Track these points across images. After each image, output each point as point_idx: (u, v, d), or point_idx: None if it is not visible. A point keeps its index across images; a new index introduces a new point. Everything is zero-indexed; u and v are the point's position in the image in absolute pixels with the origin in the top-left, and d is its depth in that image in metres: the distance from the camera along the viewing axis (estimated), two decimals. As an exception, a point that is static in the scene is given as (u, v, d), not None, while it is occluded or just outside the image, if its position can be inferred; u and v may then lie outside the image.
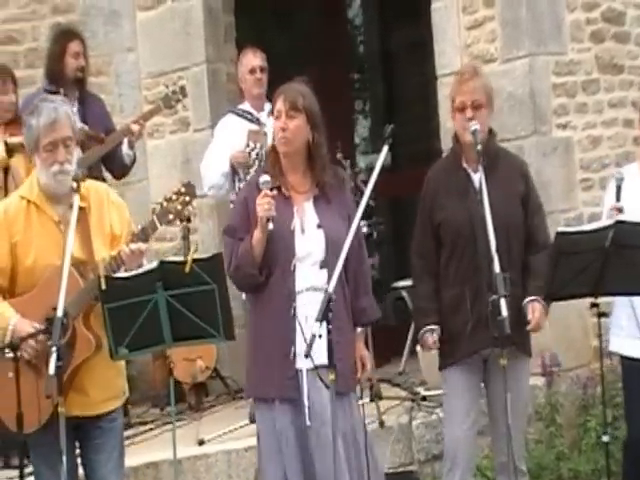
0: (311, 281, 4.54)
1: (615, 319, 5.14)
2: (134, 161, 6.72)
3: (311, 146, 4.65)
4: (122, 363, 4.61)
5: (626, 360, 5.12)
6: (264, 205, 4.47)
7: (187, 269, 4.32)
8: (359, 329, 4.73)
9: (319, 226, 4.61)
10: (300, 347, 4.45)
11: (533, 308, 4.74)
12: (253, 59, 6.75)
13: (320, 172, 4.66)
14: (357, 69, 10.36)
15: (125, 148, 6.59)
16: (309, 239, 4.59)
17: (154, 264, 4.34)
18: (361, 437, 4.64)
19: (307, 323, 4.42)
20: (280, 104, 4.63)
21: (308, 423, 4.48)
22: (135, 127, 6.48)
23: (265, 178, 4.54)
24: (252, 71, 6.71)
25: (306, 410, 4.49)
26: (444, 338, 4.87)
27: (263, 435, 4.67)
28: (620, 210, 4.82)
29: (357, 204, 4.56)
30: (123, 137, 6.54)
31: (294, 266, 4.55)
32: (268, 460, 4.63)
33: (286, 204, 4.61)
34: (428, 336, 4.87)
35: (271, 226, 4.46)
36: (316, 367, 4.28)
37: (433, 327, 4.86)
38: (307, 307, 4.47)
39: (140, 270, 4.33)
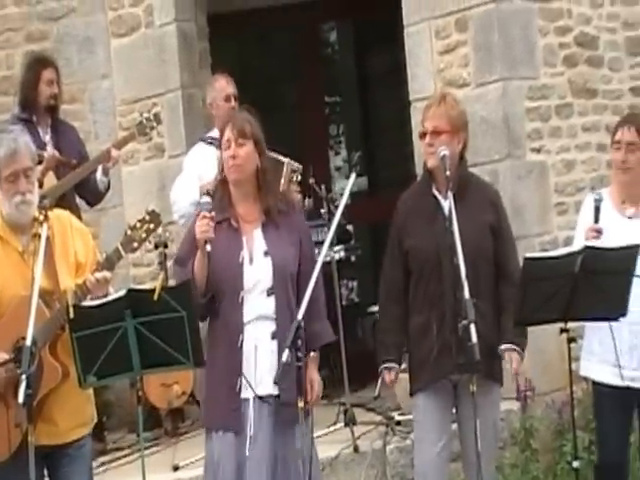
0: (259, 310, 4.54)
1: (587, 344, 5.13)
2: (108, 188, 6.71)
3: (259, 173, 4.66)
4: (90, 390, 4.58)
5: (597, 386, 5.10)
6: (202, 227, 4.47)
7: (156, 297, 4.32)
8: (312, 353, 4.66)
9: (266, 253, 4.59)
10: (249, 377, 4.46)
11: (510, 357, 4.81)
12: (227, 87, 6.74)
13: (268, 198, 4.66)
14: (333, 93, 10.37)
15: (99, 175, 6.57)
16: (257, 268, 4.57)
17: (122, 292, 4.33)
18: (307, 466, 4.45)
19: (257, 352, 4.47)
20: (229, 133, 4.64)
21: (247, 453, 4.46)
22: (115, 153, 6.47)
23: (205, 199, 4.54)
24: (227, 99, 6.71)
25: (247, 440, 4.47)
26: (413, 364, 4.88)
27: (207, 465, 4.67)
28: (599, 232, 4.83)
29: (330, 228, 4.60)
30: (100, 163, 6.53)
31: (242, 298, 4.54)
32: None
33: (235, 236, 4.61)
34: (386, 374, 4.92)
35: (209, 248, 4.45)
36: (261, 397, 4.36)
37: (391, 365, 4.89)
38: (257, 334, 4.50)
39: (108, 298, 4.33)
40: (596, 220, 4.89)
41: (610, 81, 7.52)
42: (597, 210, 4.92)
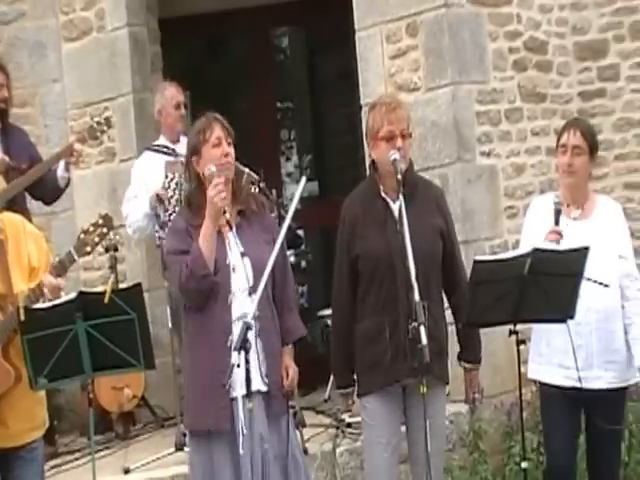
0: (242, 309, 4.57)
1: (534, 346, 5.16)
2: (68, 184, 6.68)
3: (236, 175, 4.72)
4: (42, 393, 4.59)
5: (545, 387, 5.13)
6: (221, 194, 4.47)
7: (106, 299, 4.33)
8: (285, 347, 4.78)
9: (243, 254, 4.63)
10: (238, 376, 4.43)
11: (470, 375, 4.99)
12: (177, 94, 6.77)
13: (241, 199, 4.71)
14: (285, 99, 10.38)
15: (60, 171, 6.54)
16: (237, 269, 4.61)
17: (73, 295, 4.34)
18: (298, 457, 4.72)
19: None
20: (219, 131, 4.64)
21: (242, 451, 4.46)
22: (78, 146, 6.43)
23: (212, 169, 4.54)
24: (177, 106, 6.73)
25: (240, 438, 4.48)
26: (362, 368, 4.87)
27: (197, 466, 4.68)
28: (560, 234, 4.86)
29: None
30: (60, 159, 6.49)
31: (231, 300, 4.59)
32: None
33: (219, 239, 4.61)
34: (344, 400, 5.02)
35: (228, 215, 4.50)
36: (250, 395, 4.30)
37: (348, 390, 4.95)
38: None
39: (59, 301, 4.33)
40: (557, 222, 4.93)
41: (559, 85, 7.60)
42: (558, 212, 4.96)
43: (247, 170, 6.46)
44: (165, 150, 6.75)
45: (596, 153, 5.16)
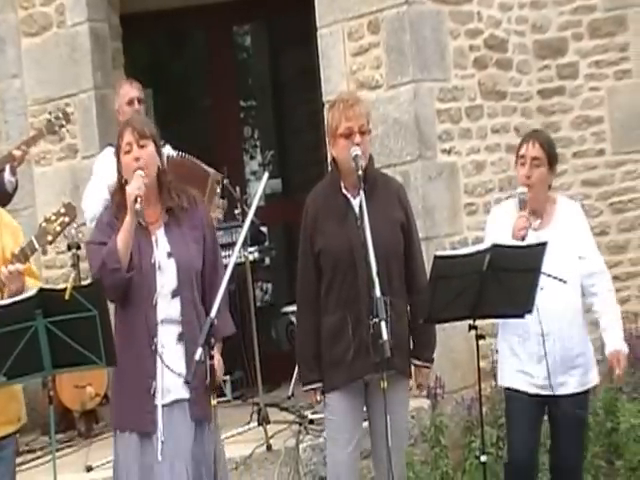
0: (165, 312, 4.52)
1: (500, 356, 5.23)
2: (16, 188, 6.64)
3: (159, 172, 4.62)
4: (17, 389, 4.58)
5: (509, 392, 5.17)
6: (136, 183, 4.43)
7: (67, 296, 4.29)
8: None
9: (170, 255, 4.56)
10: (160, 382, 4.47)
11: (420, 372, 5.00)
12: (130, 90, 6.74)
13: (168, 198, 4.63)
14: (248, 97, 10.37)
15: (7, 175, 6.49)
16: (162, 270, 4.55)
17: (33, 291, 4.30)
18: (212, 463, 4.55)
19: (163, 356, 4.48)
20: (129, 136, 4.56)
21: (159, 458, 4.45)
22: (17, 152, 6.41)
23: (140, 173, 4.49)
24: (130, 102, 6.70)
25: (159, 445, 4.46)
26: (326, 364, 4.88)
27: (114, 467, 4.68)
28: (528, 218, 4.90)
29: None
30: (5, 164, 6.45)
31: (156, 301, 4.52)
32: None
33: (145, 237, 4.56)
34: (311, 394, 4.98)
35: (138, 206, 4.40)
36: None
37: (314, 386, 4.94)
38: (162, 338, 4.50)
39: (18, 297, 4.30)
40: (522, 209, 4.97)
41: (519, 83, 7.64)
42: (522, 201, 4.98)
43: (212, 171, 6.48)
44: None
45: (555, 165, 5.19)
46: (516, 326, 4.97)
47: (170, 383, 4.50)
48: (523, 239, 4.86)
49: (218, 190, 6.47)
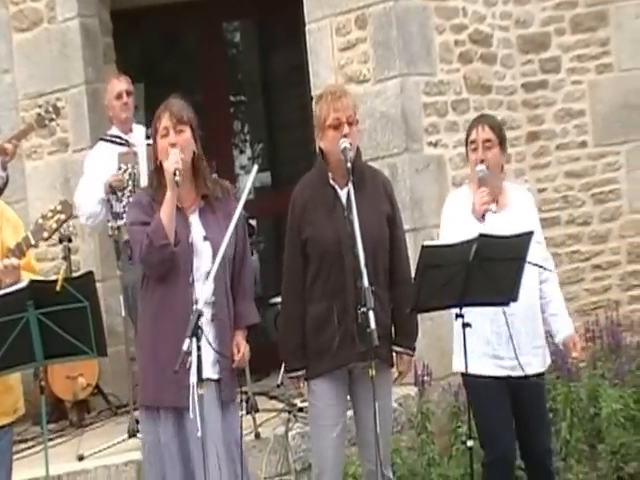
0: (202, 292, 4.48)
1: (457, 340, 5.03)
2: (7, 182, 6.57)
3: (195, 158, 4.62)
4: (15, 381, 4.56)
5: (473, 378, 4.97)
6: (174, 157, 4.43)
7: (58, 287, 4.26)
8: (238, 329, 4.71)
9: (205, 238, 4.58)
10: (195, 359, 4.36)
11: (402, 359, 4.92)
12: (118, 84, 6.74)
13: (204, 184, 4.64)
14: (238, 92, 10.32)
15: None
16: (198, 252, 4.55)
17: (24, 283, 4.26)
18: (239, 442, 4.66)
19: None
20: (166, 120, 4.56)
21: (199, 434, 4.36)
22: (8, 146, 6.34)
23: (175, 150, 4.48)
24: (118, 96, 6.71)
25: (198, 421, 4.37)
26: (311, 352, 4.84)
27: (147, 446, 4.66)
28: (487, 194, 4.83)
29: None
30: None
31: (193, 278, 4.52)
32: (149, 471, 4.65)
33: (181, 218, 4.56)
34: (294, 382, 4.96)
35: (178, 178, 4.41)
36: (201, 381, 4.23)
37: (297, 374, 4.90)
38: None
39: (9, 289, 4.25)
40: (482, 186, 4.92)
41: (503, 77, 7.61)
42: (483, 179, 4.94)
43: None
44: (118, 141, 6.72)
45: (505, 144, 5.16)
46: (484, 309, 4.88)
47: (204, 361, 4.37)
48: (484, 215, 4.82)
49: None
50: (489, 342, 4.99)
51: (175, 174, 4.42)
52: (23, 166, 7.58)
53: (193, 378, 4.37)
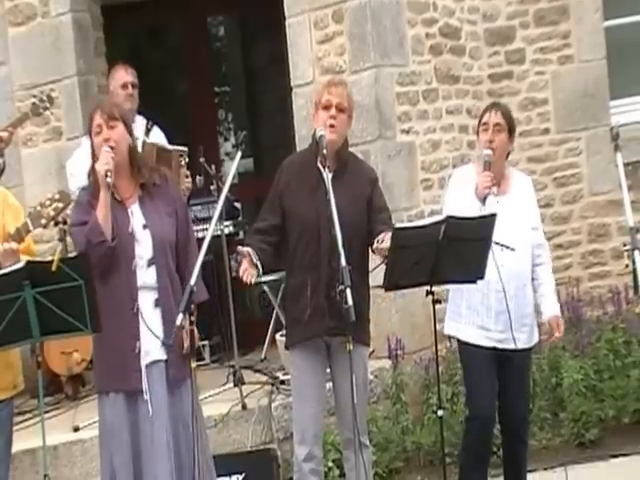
0: (143, 279, 4.49)
1: (453, 306, 5.21)
2: (4, 168, 6.55)
3: (130, 150, 4.59)
4: (14, 358, 4.60)
5: (464, 344, 5.17)
6: (105, 159, 4.40)
7: (54, 267, 4.26)
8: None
9: (145, 226, 4.54)
10: (145, 342, 4.44)
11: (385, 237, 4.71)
12: (125, 75, 6.67)
13: (142, 174, 4.60)
14: (222, 84, 10.30)
15: None
16: (139, 240, 4.52)
17: (21, 264, 4.27)
18: (194, 420, 4.47)
19: (142, 319, 4.46)
20: (98, 118, 4.53)
21: (150, 413, 4.43)
22: (4, 134, 6.32)
23: (106, 148, 4.46)
24: (124, 86, 6.64)
25: (149, 402, 4.44)
26: (288, 322, 4.95)
27: (99, 430, 4.65)
28: (491, 177, 4.88)
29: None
30: None
31: (135, 265, 4.49)
32: (101, 454, 4.63)
33: (121, 209, 4.53)
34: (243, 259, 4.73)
35: (109, 180, 4.38)
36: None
37: (249, 250, 4.72)
38: (141, 304, 4.47)
39: (6, 270, 4.25)
40: (485, 170, 4.95)
41: (471, 68, 7.63)
42: (487, 163, 4.97)
43: (172, 147, 6.42)
44: None
45: (514, 133, 5.21)
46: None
47: (149, 345, 4.48)
48: (485, 198, 4.86)
49: (183, 162, 6.41)
50: (479, 313, 5.07)
51: (106, 175, 4.39)
52: (19, 153, 7.55)
53: (147, 359, 4.44)
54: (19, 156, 7.55)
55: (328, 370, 4.94)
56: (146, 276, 4.49)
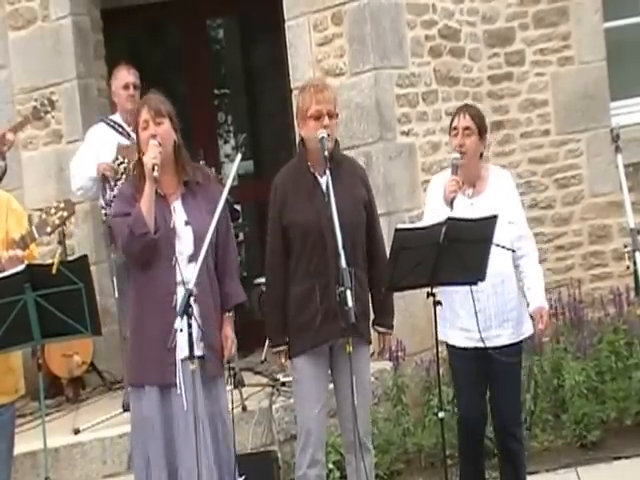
0: (183, 275, 4.51)
1: (442, 311, 5.17)
2: (5, 171, 6.55)
3: (176, 147, 4.64)
4: (15, 362, 4.59)
5: (450, 348, 5.18)
6: (152, 153, 4.46)
7: (54, 270, 4.27)
8: (226, 314, 4.72)
9: (187, 223, 4.59)
10: (181, 337, 4.39)
11: (384, 338, 5.02)
12: (127, 76, 6.69)
13: (186, 171, 4.66)
14: (222, 86, 10.30)
15: None
16: (180, 236, 4.57)
17: (22, 267, 4.28)
18: (225, 417, 4.66)
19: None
20: (145, 114, 4.59)
21: (185, 407, 4.43)
22: (10, 136, 6.32)
23: (154, 142, 4.51)
24: (126, 87, 6.65)
25: (184, 395, 4.45)
26: (294, 330, 4.86)
27: (133, 423, 4.66)
28: (458, 182, 4.91)
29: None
30: None
31: (175, 260, 4.52)
32: (135, 447, 4.65)
33: (163, 204, 4.58)
34: (277, 357, 4.95)
35: (156, 173, 4.44)
36: (192, 357, 4.26)
37: (280, 349, 4.91)
38: (179, 300, 4.42)
39: (7, 273, 4.26)
40: (453, 173, 4.96)
41: (470, 70, 7.64)
42: (454, 167, 4.99)
43: None
44: (120, 129, 6.63)
45: (485, 134, 5.19)
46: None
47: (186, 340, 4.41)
48: (452, 202, 4.87)
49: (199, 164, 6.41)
50: (459, 315, 5.07)
51: (153, 169, 4.45)
52: (19, 156, 7.55)
53: (181, 355, 4.44)
54: (19, 159, 7.56)
55: (329, 371, 4.93)
56: (186, 272, 4.49)
